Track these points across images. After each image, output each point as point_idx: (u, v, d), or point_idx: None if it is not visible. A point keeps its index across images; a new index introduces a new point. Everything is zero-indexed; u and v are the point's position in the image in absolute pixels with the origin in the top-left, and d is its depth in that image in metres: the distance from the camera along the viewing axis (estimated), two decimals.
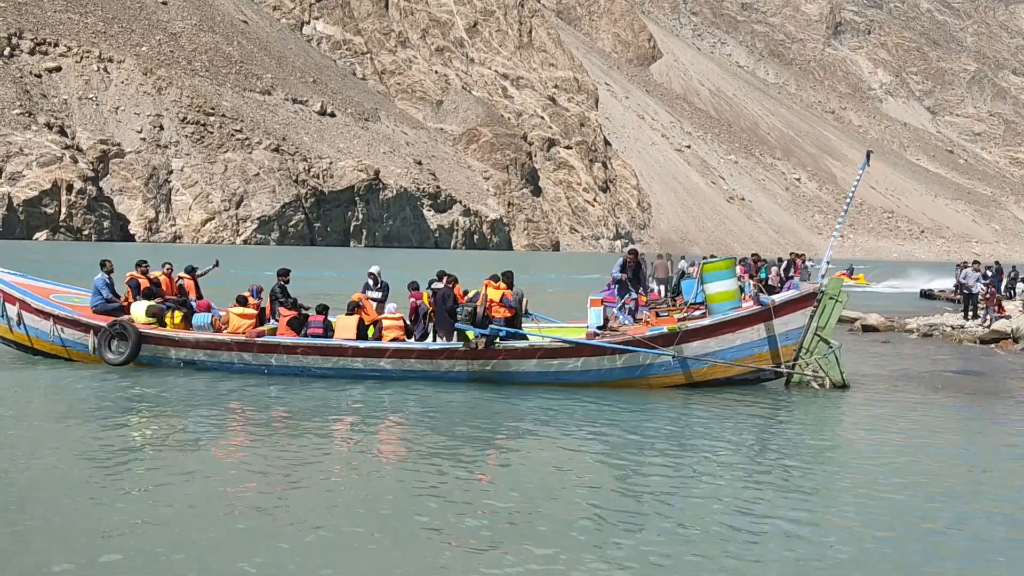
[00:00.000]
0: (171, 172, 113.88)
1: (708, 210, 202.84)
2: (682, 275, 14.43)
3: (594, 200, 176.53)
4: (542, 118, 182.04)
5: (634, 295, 14.28)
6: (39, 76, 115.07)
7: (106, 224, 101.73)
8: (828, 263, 13.50)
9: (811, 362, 12.56)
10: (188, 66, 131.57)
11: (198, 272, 15.36)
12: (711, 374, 12.49)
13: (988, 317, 22.00)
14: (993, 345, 19.59)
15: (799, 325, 12.50)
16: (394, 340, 12.77)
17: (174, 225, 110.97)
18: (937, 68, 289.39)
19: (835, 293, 12.60)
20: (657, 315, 13.32)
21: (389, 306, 13.43)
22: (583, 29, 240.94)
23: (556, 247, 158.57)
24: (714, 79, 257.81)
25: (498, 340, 12.32)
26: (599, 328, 13.07)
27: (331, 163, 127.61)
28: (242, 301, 13.47)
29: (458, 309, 12.44)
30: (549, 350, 12.37)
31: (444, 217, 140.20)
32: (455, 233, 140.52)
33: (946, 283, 44.41)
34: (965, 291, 24.01)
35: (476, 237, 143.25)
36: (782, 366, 12.54)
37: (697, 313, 13.17)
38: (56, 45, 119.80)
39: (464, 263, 65.13)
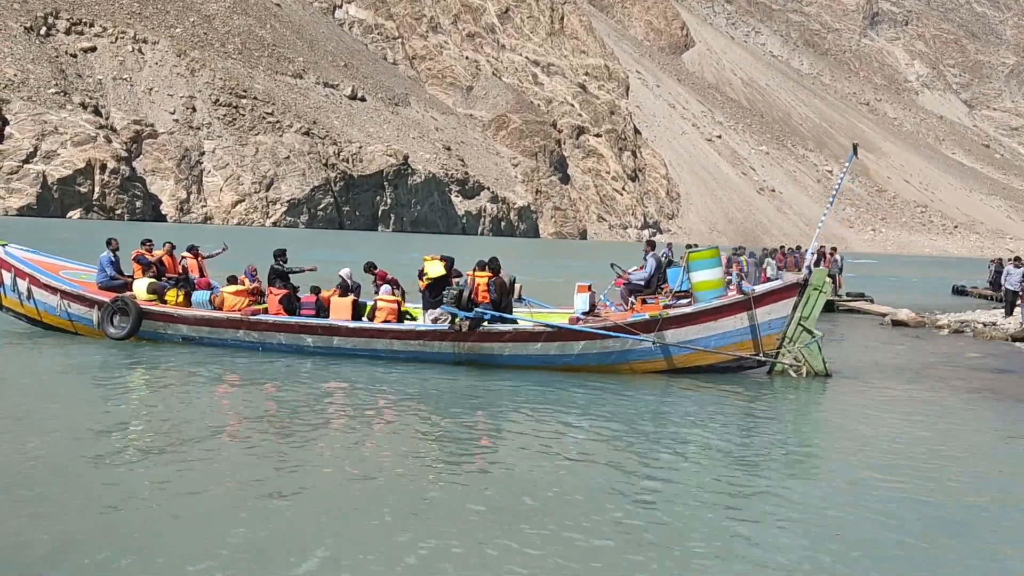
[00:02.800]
0: (203, 154, 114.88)
1: (738, 201, 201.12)
2: (669, 263, 14.57)
3: (623, 189, 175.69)
4: (572, 105, 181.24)
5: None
6: (74, 56, 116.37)
7: (138, 204, 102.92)
8: (813, 254, 13.64)
9: (793, 351, 12.71)
10: (221, 48, 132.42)
11: (204, 255, 15.81)
12: (693, 361, 12.68)
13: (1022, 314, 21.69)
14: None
15: (782, 315, 12.70)
16: (386, 322, 13.08)
17: (205, 206, 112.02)
18: (975, 61, 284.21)
19: (819, 284, 12.80)
20: (644, 302, 13.42)
21: (385, 287, 13.67)
22: (615, 16, 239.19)
23: (583, 235, 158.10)
24: (747, 68, 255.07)
25: (485, 323, 12.58)
26: (584, 313, 13.22)
27: (360, 147, 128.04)
28: (232, 280, 13.97)
29: (444, 292, 12.70)
30: (532, 334, 12.64)
31: (472, 203, 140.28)
32: (482, 220, 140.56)
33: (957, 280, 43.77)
34: (1010, 288, 23.56)
35: (503, 224, 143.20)
36: (764, 355, 12.72)
37: (683, 301, 13.25)
38: (92, 25, 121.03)
39: (490, 250, 65.13)
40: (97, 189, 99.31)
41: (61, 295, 14.22)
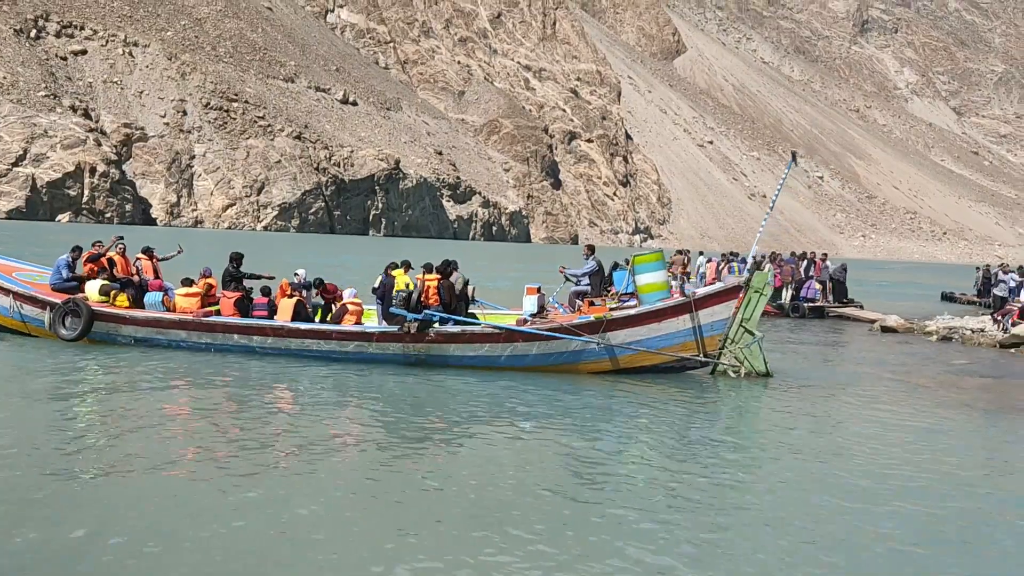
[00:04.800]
0: (193, 157, 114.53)
1: (729, 206, 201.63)
2: (615, 266, 14.93)
3: (614, 194, 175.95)
4: (564, 111, 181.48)
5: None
6: (64, 59, 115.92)
7: (128, 207, 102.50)
8: (755, 257, 14.05)
9: (734, 352, 13.00)
10: (212, 52, 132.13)
11: (159, 257, 15.69)
12: (638, 361, 12.94)
13: (1006, 321, 21.80)
14: (1013, 350, 19.39)
15: (724, 317, 12.98)
16: (356, 324, 13.27)
17: (195, 210, 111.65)
18: (964, 68, 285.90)
19: (759, 286, 13.13)
20: (591, 304, 13.68)
21: (349, 291, 13.76)
22: (607, 22, 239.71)
23: (575, 240, 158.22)
24: (738, 75, 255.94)
25: (434, 325, 12.78)
26: (532, 315, 13.51)
27: (352, 151, 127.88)
28: (187, 282, 14.00)
29: (394, 295, 12.92)
30: (480, 335, 12.86)
31: (463, 208, 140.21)
32: (474, 224, 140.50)
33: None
34: (999, 295, 23.66)
35: (495, 229, 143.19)
36: (706, 355, 13.01)
37: (629, 303, 13.59)
38: (82, 28, 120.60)
39: (482, 254, 65.15)
40: (87, 192, 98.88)
41: (14, 296, 14.18)
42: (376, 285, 13.66)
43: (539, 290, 14.18)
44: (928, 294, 44.29)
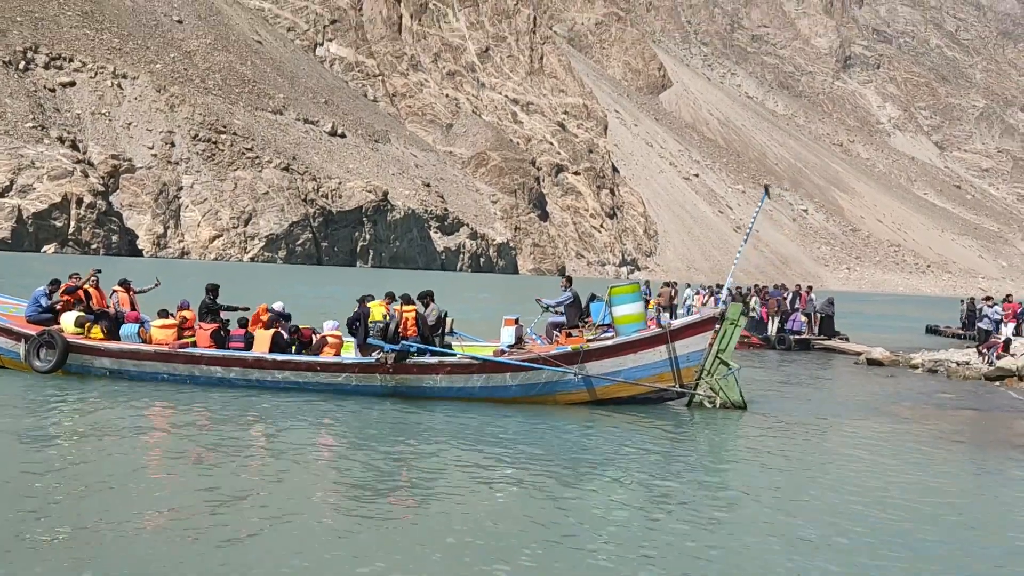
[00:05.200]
0: (181, 188, 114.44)
1: (715, 239, 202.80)
2: (592, 298, 15.12)
3: (601, 226, 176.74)
4: (551, 143, 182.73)
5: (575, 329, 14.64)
6: (53, 90, 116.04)
7: (114, 239, 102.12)
8: (730, 289, 14.19)
9: (710, 383, 13.09)
10: (201, 84, 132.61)
11: (136, 289, 15.64)
12: (615, 392, 12.99)
13: (991, 354, 21.94)
14: (998, 383, 19.51)
15: (700, 348, 13.06)
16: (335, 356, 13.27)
17: (182, 241, 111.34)
18: (946, 104, 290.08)
19: (735, 318, 13.25)
20: (568, 335, 13.85)
21: (330, 323, 13.75)
22: (594, 57, 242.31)
23: (562, 272, 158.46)
24: (723, 109, 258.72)
25: (411, 355, 12.72)
26: (510, 346, 13.55)
27: (340, 183, 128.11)
28: (163, 314, 13.92)
29: (370, 326, 12.89)
30: (457, 366, 12.85)
31: (451, 239, 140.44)
32: (461, 255, 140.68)
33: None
34: (983, 328, 23.87)
35: (482, 260, 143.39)
36: (682, 386, 13.08)
37: (606, 334, 13.62)
38: (71, 60, 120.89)
39: (469, 285, 65.11)
40: (73, 223, 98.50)
41: None
42: (351, 316, 13.66)
43: (517, 321, 14.25)
44: (913, 326, 44.56)
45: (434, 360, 12.90)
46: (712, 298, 29.38)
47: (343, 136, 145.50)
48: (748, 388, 16.22)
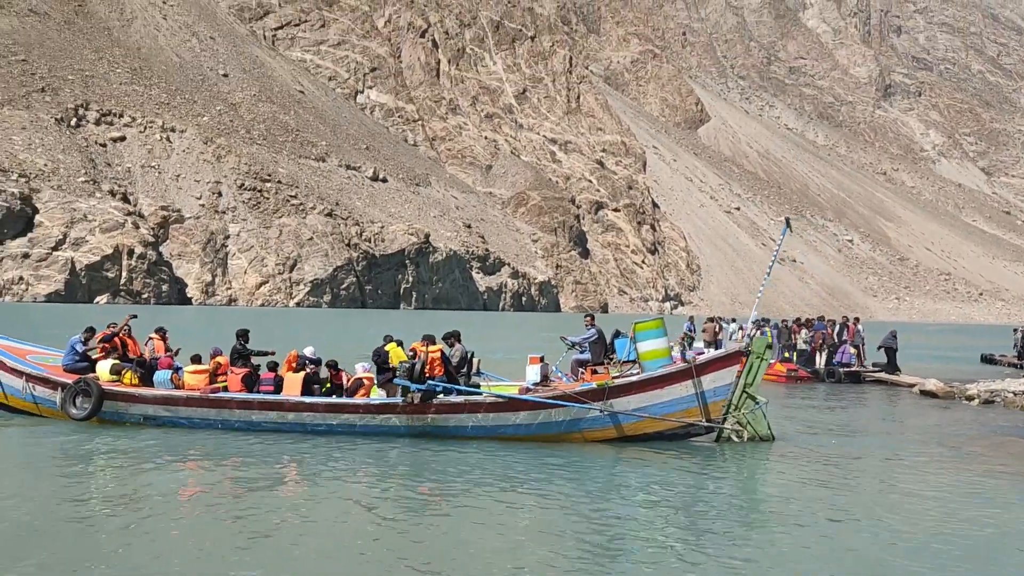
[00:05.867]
0: (228, 237, 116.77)
1: (759, 272, 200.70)
2: (616, 334, 15.06)
3: (643, 262, 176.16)
4: (590, 181, 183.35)
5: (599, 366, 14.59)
6: (104, 145, 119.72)
7: (164, 288, 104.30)
8: (754, 323, 14.14)
9: (738, 416, 13.01)
10: (246, 135, 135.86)
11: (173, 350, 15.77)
12: (642, 428, 12.88)
13: None
14: None
15: (726, 382, 12.97)
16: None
17: (229, 288, 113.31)
18: (991, 129, 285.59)
19: (761, 352, 13.22)
20: (593, 372, 13.85)
21: (362, 365, 13.95)
22: (631, 94, 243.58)
23: (604, 309, 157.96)
24: (763, 141, 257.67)
25: (437, 395, 12.82)
26: (535, 384, 13.59)
27: (382, 227, 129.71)
28: (196, 359, 14.17)
29: (397, 366, 13.03)
30: (483, 404, 12.87)
31: (493, 279, 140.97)
32: (503, 295, 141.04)
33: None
34: None
35: (524, 299, 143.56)
36: (709, 421, 12.98)
37: (631, 371, 13.63)
38: (121, 115, 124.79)
39: (512, 324, 65.13)
40: (124, 274, 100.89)
41: (26, 378, 14.33)
42: (375, 349, 13.94)
43: (542, 359, 14.30)
44: (967, 356, 43.48)
45: (460, 399, 12.95)
46: (759, 332, 29.02)
47: (384, 181, 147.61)
48: (787, 421, 16.04)
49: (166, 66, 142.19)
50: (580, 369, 14.97)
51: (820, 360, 26.54)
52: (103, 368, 14.18)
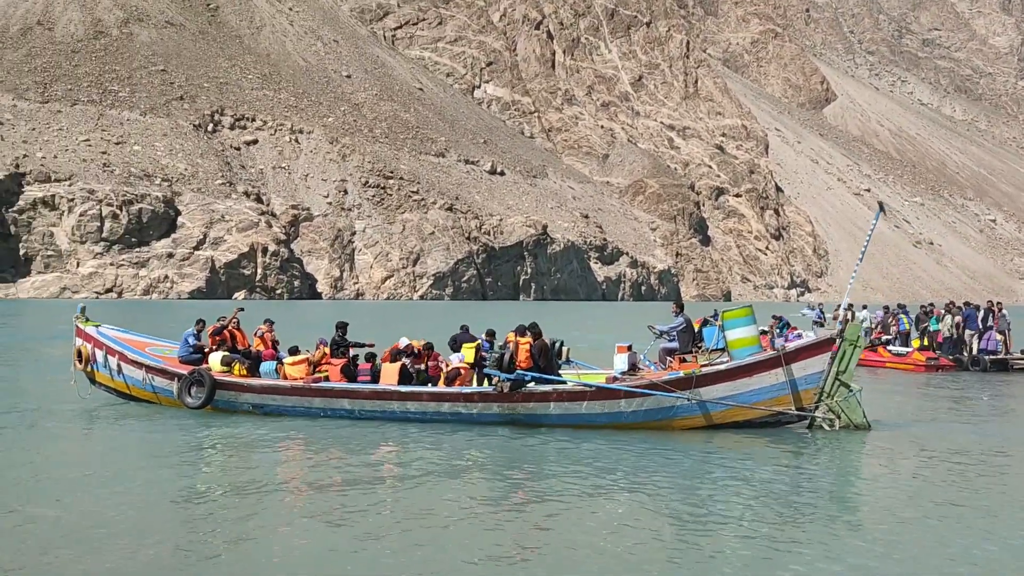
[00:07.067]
0: (354, 233, 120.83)
1: (892, 255, 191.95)
2: (705, 322, 14.88)
3: (767, 248, 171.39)
4: (710, 167, 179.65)
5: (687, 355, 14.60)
6: (238, 148, 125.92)
7: (296, 283, 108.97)
8: (845, 309, 13.86)
9: (831, 405, 12.87)
10: (369, 133, 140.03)
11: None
12: (731, 416, 12.96)
13: None
14: None
15: (818, 370, 12.90)
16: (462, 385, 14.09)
17: (356, 283, 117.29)
18: None
19: (854, 338, 13.02)
20: (681, 360, 14.03)
21: (456, 356, 14.62)
22: (751, 76, 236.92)
23: (727, 297, 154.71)
24: (894, 119, 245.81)
25: (526, 384, 13.25)
26: (623, 373, 13.86)
27: (501, 220, 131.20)
28: (293, 351, 15.09)
29: (487, 356, 13.68)
30: (573, 393, 13.22)
31: (611, 269, 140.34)
32: (622, 285, 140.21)
33: None
34: None
35: (644, 288, 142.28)
36: (799, 409, 12.91)
37: (721, 359, 13.73)
38: (253, 120, 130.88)
39: (630, 314, 64.80)
40: (260, 271, 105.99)
41: (146, 370, 15.51)
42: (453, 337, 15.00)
43: (630, 348, 14.50)
44: None
45: (549, 388, 13.27)
46: (895, 319, 27.89)
47: (502, 174, 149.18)
48: (900, 409, 15.60)
49: (293, 70, 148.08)
50: (668, 358, 15.11)
51: (974, 347, 25.19)
52: (214, 360, 15.26)
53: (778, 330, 23.53)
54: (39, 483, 9.64)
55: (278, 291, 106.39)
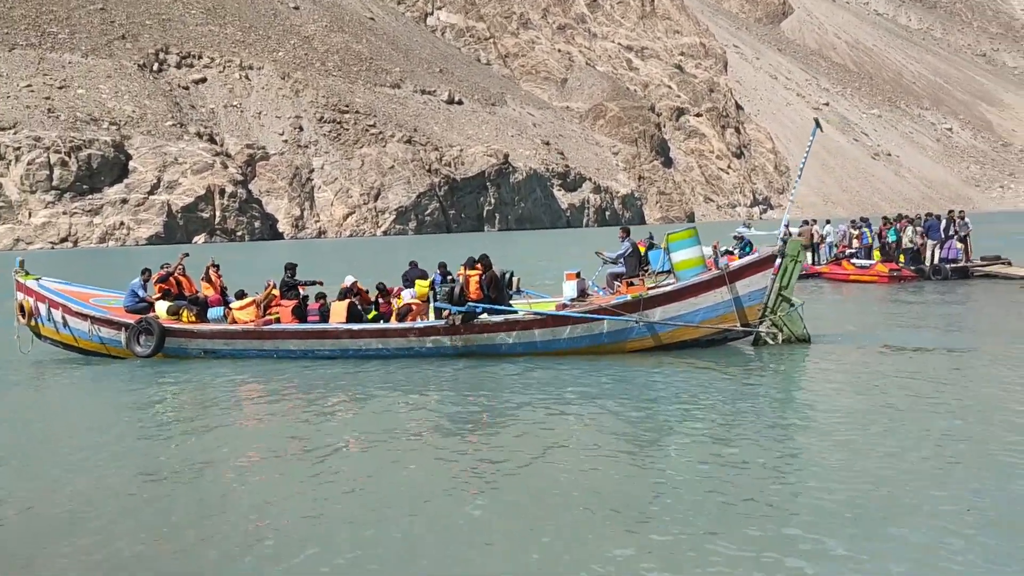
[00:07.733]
0: (312, 171, 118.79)
1: (851, 169, 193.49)
2: (650, 246, 15.07)
3: (728, 167, 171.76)
4: (669, 87, 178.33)
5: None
6: (186, 88, 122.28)
7: (256, 224, 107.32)
8: (787, 225, 14.09)
9: (774, 320, 13.30)
10: (322, 67, 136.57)
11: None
12: (679, 336, 13.30)
13: None
14: None
15: (761, 287, 13.25)
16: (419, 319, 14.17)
17: (318, 221, 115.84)
18: None
19: (795, 254, 13.39)
20: (629, 284, 14.13)
21: (408, 291, 14.69)
22: None
23: (691, 218, 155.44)
24: (851, 31, 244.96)
25: (477, 316, 13.39)
26: (572, 300, 14.00)
27: (461, 150, 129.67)
28: (239, 295, 15.08)
29: (437, 290, 13.69)
30: (522, 322, 13.37)
31: (575, 196, 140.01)
32: (586, 211, 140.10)
33: None
34: None
35: (608, 213, 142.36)
36: (744, 325, 13.29)
37: (667, 280, 13.96)
38: (200, 57, 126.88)
39: (595, 240, 64.80)
40: (218, 213, 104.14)
41: (91, 321, 15.30)
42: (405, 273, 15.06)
43: (578, 275, 14.65)
44: None
45: (499, 318, 13.38)
46: (859, 232, 28.04)
47: (460, 103, 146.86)
48: (848, 322, 15.90)
49: (239, 3, 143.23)
50: (616, 282, 15.22)
51: (932, 256, 25.42)
52: (161, 308, 15.16)
53: (740, 250, 23.51)
54: None
55: (239, 233, 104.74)
